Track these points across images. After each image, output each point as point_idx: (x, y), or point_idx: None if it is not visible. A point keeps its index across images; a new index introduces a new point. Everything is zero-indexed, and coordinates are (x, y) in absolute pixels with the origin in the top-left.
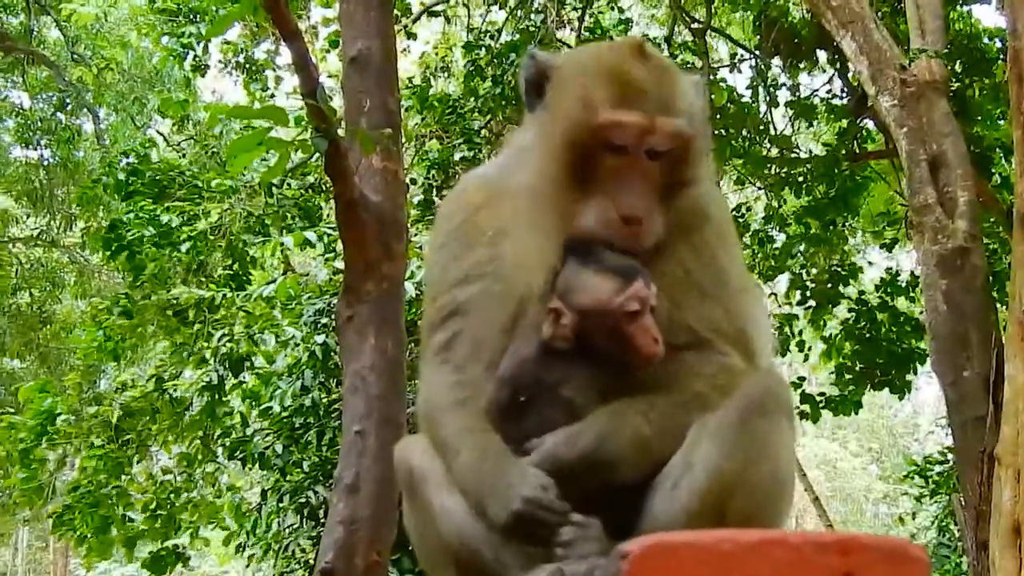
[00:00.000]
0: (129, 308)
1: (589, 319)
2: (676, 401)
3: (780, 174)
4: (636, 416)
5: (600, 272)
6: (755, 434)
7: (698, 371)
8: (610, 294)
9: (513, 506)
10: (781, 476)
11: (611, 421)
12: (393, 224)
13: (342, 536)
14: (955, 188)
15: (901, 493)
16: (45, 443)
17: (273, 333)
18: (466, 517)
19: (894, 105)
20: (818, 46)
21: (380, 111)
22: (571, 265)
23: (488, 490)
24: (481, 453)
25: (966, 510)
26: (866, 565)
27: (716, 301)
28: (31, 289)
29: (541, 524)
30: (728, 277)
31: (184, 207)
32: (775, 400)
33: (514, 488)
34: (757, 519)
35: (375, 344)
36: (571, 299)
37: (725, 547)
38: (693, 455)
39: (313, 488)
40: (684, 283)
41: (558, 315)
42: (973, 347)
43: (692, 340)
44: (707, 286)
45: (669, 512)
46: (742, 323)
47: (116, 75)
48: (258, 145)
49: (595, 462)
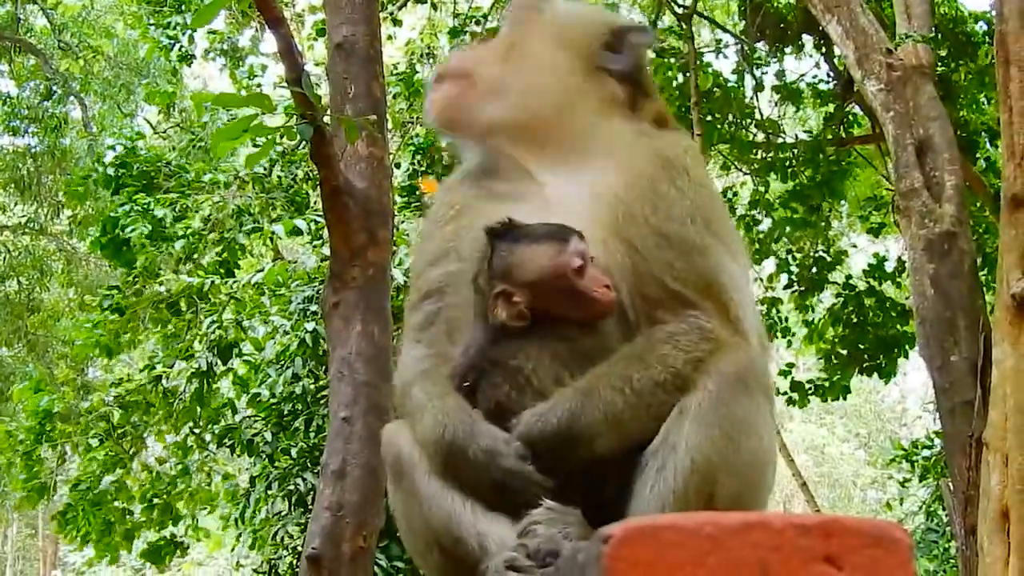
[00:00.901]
0: (121, 304)
1: (540, 289)
2: (652, 377)
3: (766, 159)
4: (610, 392)
5: (535, 242)
6: (735, 413)
7: (673, 340)
8: (553, 257)
9: (495, 476)
10: (764, 454)
11: (585, 397)
12: (379, 211)
13: (328, 522)
14: (942, 172)
15: (888, 478)
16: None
17: (262, 321)
18: (449, 503)
19: (880, 89)
20: (803, 31)
21: (365, 98)
22: (502, 246)
23: (462, 454)
24: (444, 415)
25: (954, 495)
26: (849, 548)
27: (674, 246)
28: (19, 277)
29: (519, 493)
30: (696, 226)
31: (174, 198)
32: (753, 377)
33: (493, 457)
34: (744, 498)
35: (361, 331)
36: (517, 277)
37: (707, 530)
38: (676, 437)
39: (301, 475)
40: (639, 228)
41: (508, 297)
42: (961, 332)
43: (662, 293)
44: (672, 234)
45: (657, 495)
46: (709, 270)
47: (103, 63)
48: (243, 132)
49: (569, 438)
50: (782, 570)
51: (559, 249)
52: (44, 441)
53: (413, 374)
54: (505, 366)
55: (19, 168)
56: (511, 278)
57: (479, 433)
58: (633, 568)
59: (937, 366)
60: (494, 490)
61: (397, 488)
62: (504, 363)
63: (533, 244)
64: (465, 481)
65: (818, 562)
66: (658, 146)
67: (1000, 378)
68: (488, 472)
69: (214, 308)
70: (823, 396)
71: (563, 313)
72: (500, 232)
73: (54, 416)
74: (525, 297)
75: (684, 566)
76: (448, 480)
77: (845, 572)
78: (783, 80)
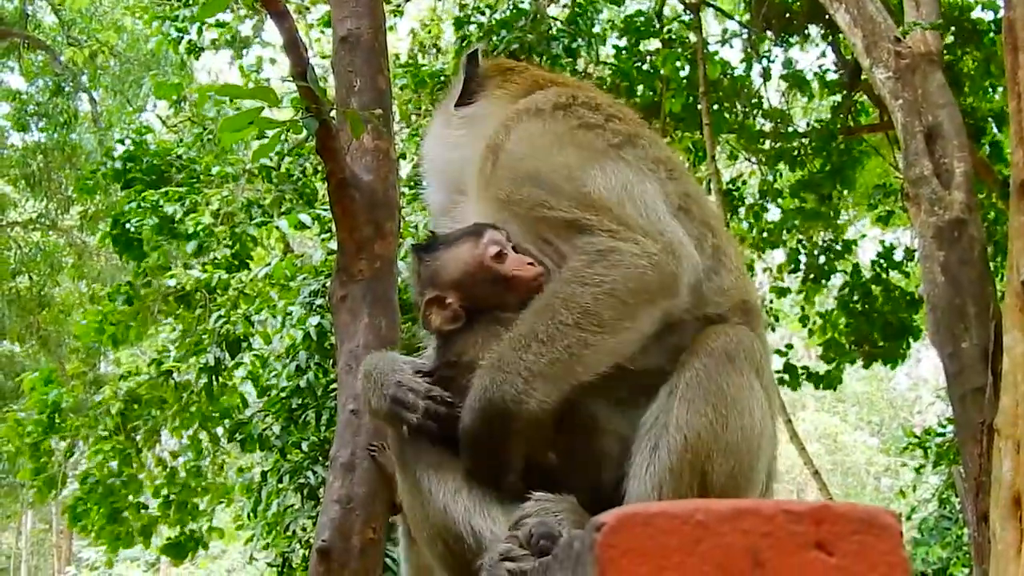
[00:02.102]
0: (131, 295)
1: (467, 284)
2: (561, 321)
3: (774, 148)
4: (516, 354)
5: (453, 244)
6: (724, 389)
7: (579, 277)
8: (469, 251)
9: (388, 391)
10: (755, 430)
11: (493, 371)
12: (384, 203)
13: (338, 515)
14: (951, 159)
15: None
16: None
17: (271, 314)
18: (443, 499)
19: (889, 77)
20: (810, 20)
21: (371, 91)
22: (423, 258)
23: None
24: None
25: (966, 482)
26: (840, 534)
27: (546, 184)
28: (30, 272)
29: (410, 407)
30: (547, 154)
31: (183, 192)
32: (742, 353)
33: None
34: (739, 476)
35: (368, 323)
36: (443, 280)
37: (699, 517)
38: (667, 416)
39: (312, 468)
40: (509, 184)
41: (440, 301)
42: (971, 319)
43: (552, 231)
44: (529, 174)
45: (653, 474)
46: (583, 190)
47: (111, 58)
48: (249, 124)
49: (498, 413)
50: (773, 556)
51: (475, 243)
52: (53, 433)
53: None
54: (460, 364)
55: (29, 164)
56: (438, 282)
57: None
58: (626, 555)
59: (948, 353)
60: (392, 406)
61: (404, 479)
62: (458, 362)
63: (452, 247)
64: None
65: (809, 548)
66: (503, 114)
67: (1011, 365)
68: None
69: (222, 303)
70: (816, 384)
71: (498, 302)
72: (425, 246)
73: (63, 410)
74: (456, 297)
75: (676, 553)
76: (433, 459)
77: (836, 558)
78: (791, 69)
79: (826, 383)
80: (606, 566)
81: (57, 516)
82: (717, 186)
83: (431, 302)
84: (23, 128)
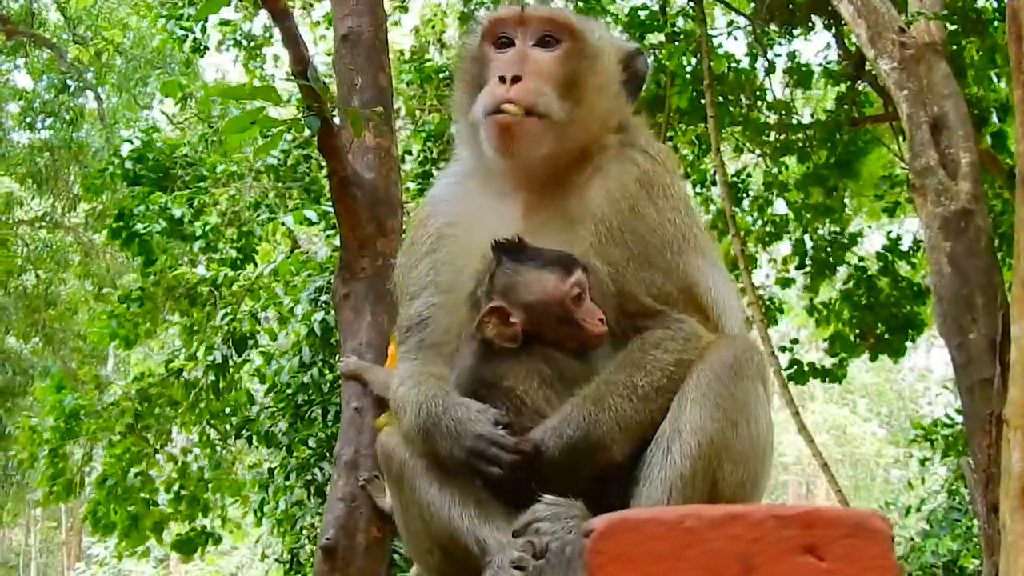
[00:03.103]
0: (143, 296)
1: (538, 312)
2: (653, 382)
3: (779, 140)
4: (619, 400)
5: (541, 267)
6: (734, 397)
7: (664, 345)
8: (555, 284)
9: (467, 443)
10: (761, 437)
11: (596, 407)
12: (386, 201)
13: (343, 513)
14: (957, 150)
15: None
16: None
17: (276, 311)
18: (447, 511)
19: (893, 68)
20: (813, 11)
21: (372, 88)
22: (506, 265)
23: (437, 429)
24: (421, 397)
25: (975, 473)
26: (829, 538)
27: (654, 264)
28: (36, 270)
29: (493, 461)
30: (667, 237)
31: (190, 194)
32: (747, 364)
33: (465, 424)
34: (747, 483)
35: (371, 321)
36: (516, 297)
37: (688, 523)
38: (680, 421)
39: (319, 465)
40: (620, 249)
41: (504, 315)
42: (979, 309)
43: (640, 308)
44: (642, 250)
45: (665, 478)
46: (688, 283)
47: (117, 56)
48: (251, 124)
49: (586, 448)
50: (764, 561)
51: (562, 277)
52: (69, 438)
53: (400, 380)
54: (499, 387)
55: (36, 162)
56: (511, 297)
57: (452, 405)
58: (615, 561)
59: (956, 344)
60: (471, 458)
61: (398, 493)
62: (497, 384)
63: (539, 268)
64: (445, 457)
65: (799, 552)
66: (640, 163)
67: (1019, 355)
68: (460, 441)
69: (228, 301)
70: (822, 379)
71: (555, 339)
72: (507, 248)
73: (79, 414)
74: (522, 319)
75: (665, 558)
76: (435, 471)
77: (827, 562)
78: (795, 61)
79: (832, 378)
80: (595, 572)
81: (66, 513)
82: (723, 179)
83: (496, 311)
84: (30, 126)
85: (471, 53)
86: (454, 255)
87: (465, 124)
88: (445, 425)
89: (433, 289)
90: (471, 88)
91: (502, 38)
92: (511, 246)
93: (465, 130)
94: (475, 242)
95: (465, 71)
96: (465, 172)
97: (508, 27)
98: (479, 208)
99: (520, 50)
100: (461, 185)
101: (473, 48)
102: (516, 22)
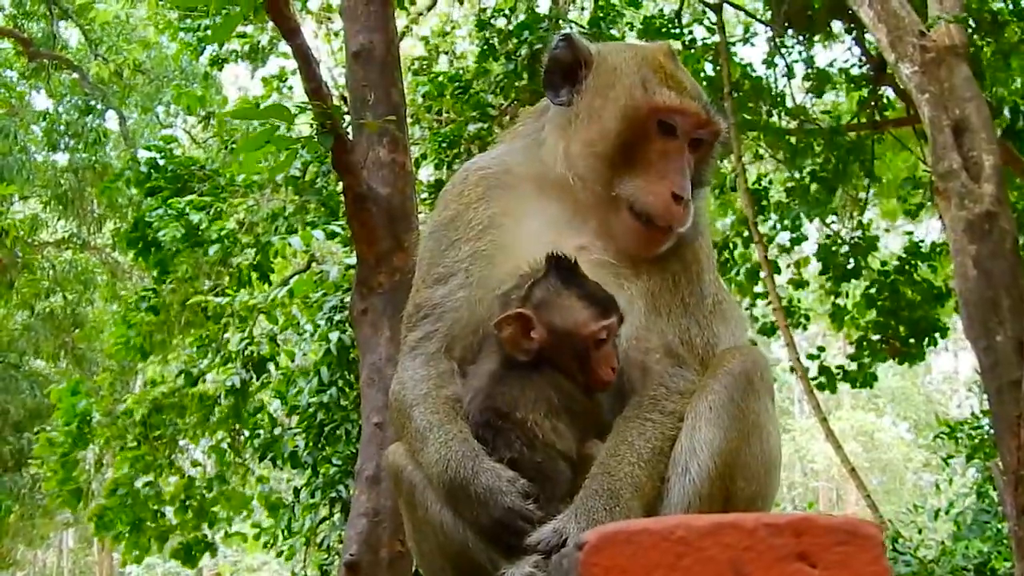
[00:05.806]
0: (156, 304)
1: (559, 338)
2: (665, 433)
3: (799, 144)
4: (629, 467)
5: (583, 298)
6: (747, 413)
7: (673, 396)
8: (588, 321)
9: (495, 514)
10: (772, 454)
11: (608, 499)
12: (402, 216)
13: (365, 528)
14: (979, 152)
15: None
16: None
17: (295, 332)
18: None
19: (915, 72)
20: (832, 17)
21: (385, 104)
22: (551, 281)
23: (464, 492)
24: (447, 449)
25: (1004, 475)
26: (822, 545)
27: (692, 316)
28: (63, 292)
29: (518, 534)
30: (708, 294)
31: (208, 201)
32: (759, 377)
33: (496, 496)
34: (758, 499)
35: (390, 336)
36: (546, 315)
37: (680, 533)
38: (695, 440)
39: (344, 482)
40: (668, 292)
41: (527, 326)
42: (1004, 311)
43: (662, 347)
44: (688, 300)
45: (683, 497)
46: (714, 341)
47: (139, 75)
48: (265, 143)
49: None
50: (756, 569)
51: (598, 316)
52: (81, 444)
53: (414, 396)
54: (511, 418)
55: (61, 184)
56: (541, 312)
57: (481, 471)
58: (609, 572)
59: (982, 347)
60: (494, 527)
61: (409, 511)
62: (510, 415)
63: (579, 298)
64: (465, 516)
65: (792, 560)
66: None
67: None
68: (489, 511)
69: (244, 325)
70: (852, 383)
71: (564, 369)
72: (560, 265)
73: (92, 421)
74: (542, 337)
75: (658, 569)
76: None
77: (819, 569)
78: (813, 66)
79: (861, 382)
80: None
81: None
82: (743, 185)
83: (520, 318)
84: (53, 147)
85: (633, 105)
86: (497, 248)
87: (579, 146)
88: (474, 491)
89: (464, 278)
90: (613, 138)
91: (669, 123)
92: (564, 264)
93: (573, 147)
94: (521, 241)
95: (613, 113)
96: (532, 158)
97: (686, 122)
98: (535, 209)
99: (685, 161)
100: (523, 171)
101: (639, 104)
102: (696, 122)
